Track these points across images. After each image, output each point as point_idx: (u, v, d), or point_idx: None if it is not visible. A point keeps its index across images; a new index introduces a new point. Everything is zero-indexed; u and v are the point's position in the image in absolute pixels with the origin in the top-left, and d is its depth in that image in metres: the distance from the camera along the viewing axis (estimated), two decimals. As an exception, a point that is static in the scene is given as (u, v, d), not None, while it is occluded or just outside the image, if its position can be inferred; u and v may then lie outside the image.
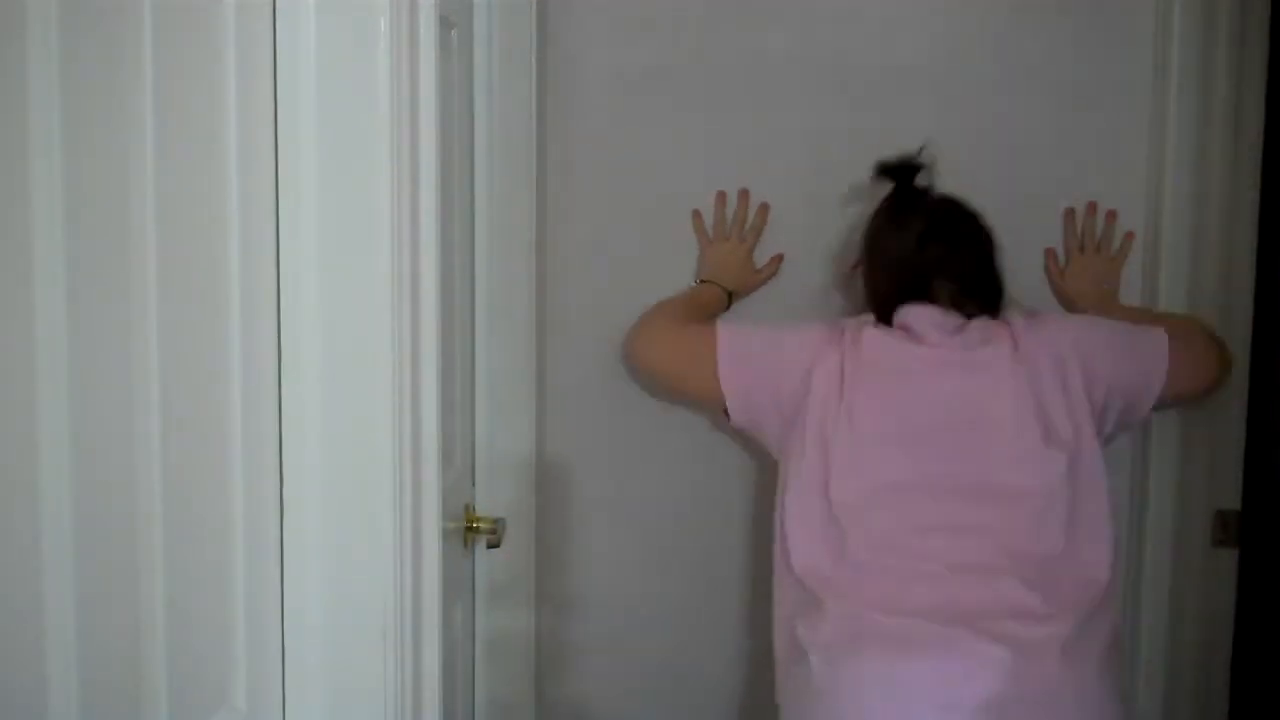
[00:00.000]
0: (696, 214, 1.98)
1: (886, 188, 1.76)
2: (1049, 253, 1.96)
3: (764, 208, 1.97)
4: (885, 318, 1.67)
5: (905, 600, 1.53)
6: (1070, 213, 1.95)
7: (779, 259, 1.97)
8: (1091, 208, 1.95)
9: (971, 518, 1.57)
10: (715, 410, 1.82)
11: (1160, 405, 1.73)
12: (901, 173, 1.73)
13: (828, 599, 1.55)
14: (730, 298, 1.93)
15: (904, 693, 1.47)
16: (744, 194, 1.97)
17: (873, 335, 1.65)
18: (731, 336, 1.72)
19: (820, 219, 1.97)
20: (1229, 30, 1.86)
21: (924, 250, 1.68)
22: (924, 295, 1.66)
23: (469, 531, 1.75)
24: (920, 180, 1.73)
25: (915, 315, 1.64)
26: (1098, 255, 1.94)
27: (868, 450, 1.60)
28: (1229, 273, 1.89)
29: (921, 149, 1.72)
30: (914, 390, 1.62)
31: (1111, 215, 1.95)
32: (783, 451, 1.69)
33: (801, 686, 1.55)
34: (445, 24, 1.46)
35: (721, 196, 1.98)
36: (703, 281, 1.95)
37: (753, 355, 1.70)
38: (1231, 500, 1.92)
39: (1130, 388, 1.67)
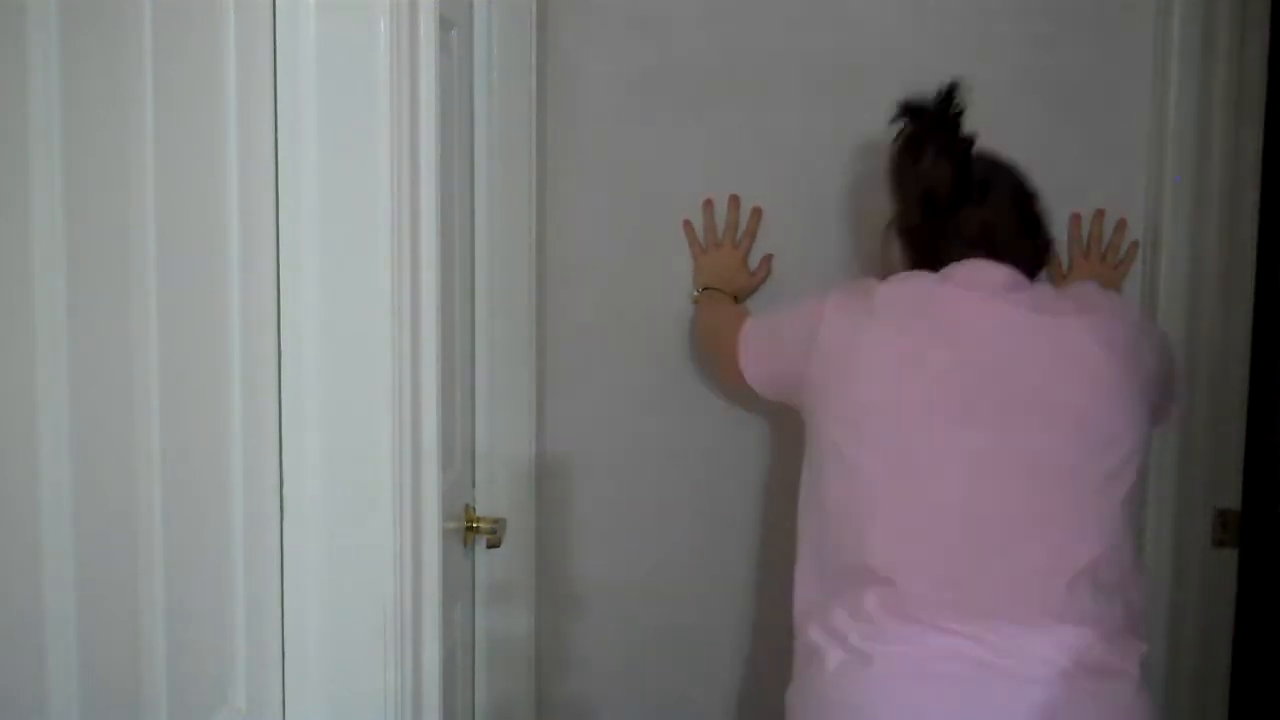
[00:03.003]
0: (687, 223, 1.97)
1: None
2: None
3: (756, 212, 1.95)
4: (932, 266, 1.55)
5: (923, 607, 1.40)
6: (1077, 217, 1.94)
7: (769, 259, 1.96)
8: (1099, 214, 1.94)
9: (1025, 507, 1.42)
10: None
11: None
12: (926, 115, 1.58)
13: (833, 592, 1.46)
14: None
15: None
16: (734, 199, 1.95)
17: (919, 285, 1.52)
18: (748, 336, 1.67)
19: (819, 221, 1.97)
20: (1229, 31, 1.86)
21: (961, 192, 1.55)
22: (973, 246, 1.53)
23: (469, 531, 1.75)
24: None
25: (974, 270, 1.52)
26: (1102, 262, 1.94)
27: (898, 418, 1.46)
28: (1229, 273, 1.89)
29: (953, 87, 1.56)
30: (969, 352, 1.46)
31: (1121, 224, 1.94)
32: (811, 425, 1.55)
33: (813, 688, 1.47)
34: (445, 24, 1.46)
35: (709, 204, 1.96)
36: (705, 289, 1.93)
37: (765, 350, 1.65)
38: (1231, 500, 1.92)
39: (1164, 391, 1.57)
